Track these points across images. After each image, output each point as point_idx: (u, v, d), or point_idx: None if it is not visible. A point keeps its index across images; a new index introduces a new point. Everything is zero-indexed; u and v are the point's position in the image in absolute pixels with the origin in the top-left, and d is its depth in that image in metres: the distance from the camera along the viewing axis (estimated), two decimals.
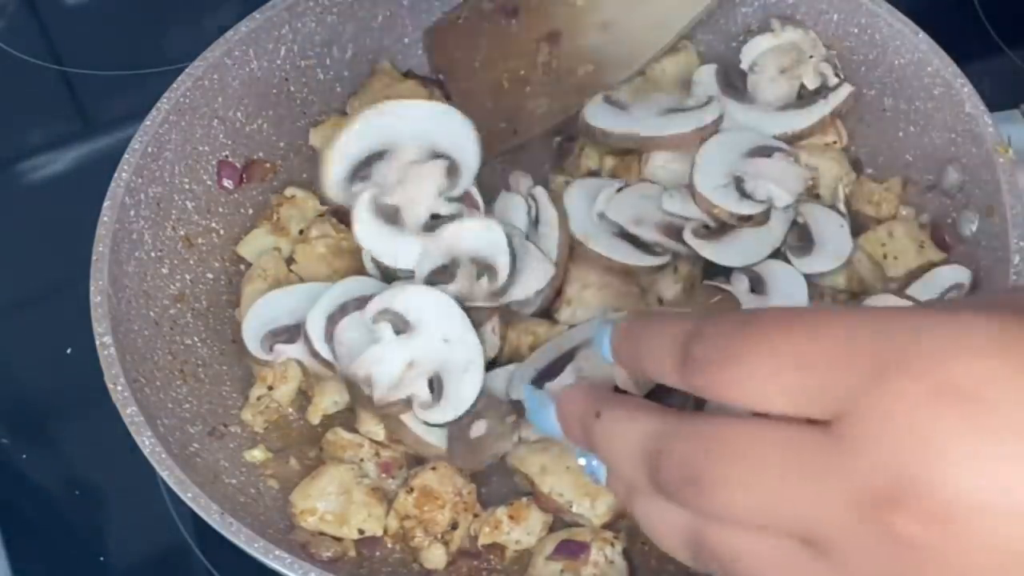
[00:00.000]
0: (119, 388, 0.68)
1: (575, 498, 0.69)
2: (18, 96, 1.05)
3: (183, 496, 0.65)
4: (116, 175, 0.76)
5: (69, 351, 0.86)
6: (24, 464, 0.85)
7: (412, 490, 0.70)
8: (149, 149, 0.77)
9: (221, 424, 0.74)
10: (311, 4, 0.86)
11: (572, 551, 0.68)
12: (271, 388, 0.75)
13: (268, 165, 0.86)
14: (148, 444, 0.66)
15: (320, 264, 0.79)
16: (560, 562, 0.68)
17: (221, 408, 0.75)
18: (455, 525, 0.70)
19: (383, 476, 0.72)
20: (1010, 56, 1.01)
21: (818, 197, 0.81)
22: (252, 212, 0.85)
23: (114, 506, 0.83)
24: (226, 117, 0.83)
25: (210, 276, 0.81)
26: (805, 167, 0.79)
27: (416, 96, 0.87)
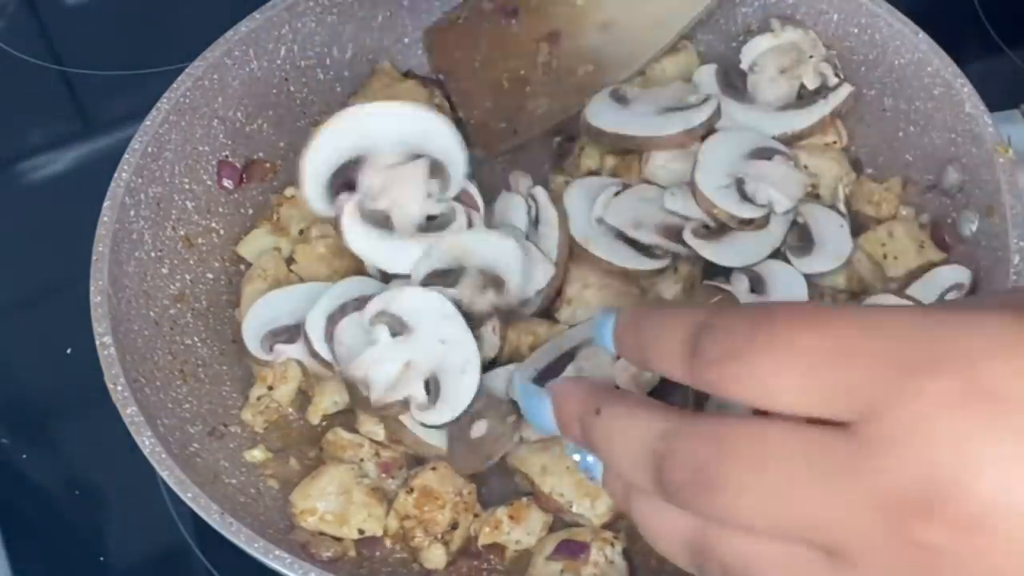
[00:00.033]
0: (119, 388, 0.68)
1: (575, 498, 0.69)
2: (18, 96, 1.05)
3: (183, 496, 0.65)
4: (116, 175, 0.76)
5: (69, 351, 0.86)
6: (24, 464, 0.85)
7: (412, 490, 0.70)
8: (149, 149, 0.77)
9: (221, 424, 0.74)
10: (311, 4, 0.86)
11: (572, 551, 0.68)
12: (271, 388, 0.75)
13: (268, 165, 0.86)
14: (148, 444, 0.66)
15: (320, 264, 0.79)
16: (560, 562, 0.68)
17: (221, 408, 0.75)
18: (455, 525, 0.70)
19: (383, 476, 0.72)
20: (1010, 56, 1.01)
21: (818, 197, 0.81)
22: (252, 212, 0.85)
23: (114, 506, 0.83)
24: (226, 117, 0.83)
25: (210, 276, 0.81)
26: (805, 171, 0.79)
27: (416, 96, 0.87)
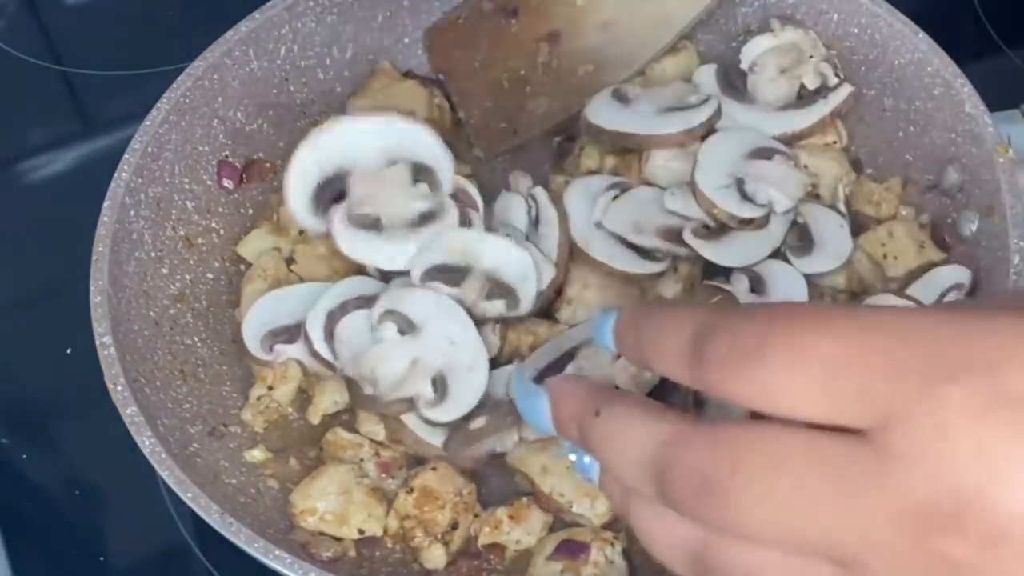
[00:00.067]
0: (119, 388, 0.68)
1: (575, 498, 0.69)
2: (18, 96, 1.05)
3: (183, 496, 0.65)
4: (116, 175, 0.76)
5: (69, 351, 0.86)
6: (24, 464, 0.85)
7: (412, 490, 0.70)
8: (149, 149, 0.77)
9: (221, 424, 0.74)
10: (311, 4, 0.86)
11: (572, 551, 0.68)
12: (271, 388, 0.75)
13: (268, 165, 0.86)
14: (148, 444, 0.66)
15: (320, 264, 0.79)
16: (560, 562, 0.68)
17: (221, 408, 0.75)
18: (455, 525, 0.70)
19: (383, 476, 0.72)
20: (1010, 56, 1.01)
21: (818, 197, 0.81)
22: (252, 212, 0.85)
23: (114, 506, 0.83)
24: (226, 117, 0.83)
25: (210, 276, 0.81)
26: (805, 171, 0.79)
27: (416, 96, 0.87)
